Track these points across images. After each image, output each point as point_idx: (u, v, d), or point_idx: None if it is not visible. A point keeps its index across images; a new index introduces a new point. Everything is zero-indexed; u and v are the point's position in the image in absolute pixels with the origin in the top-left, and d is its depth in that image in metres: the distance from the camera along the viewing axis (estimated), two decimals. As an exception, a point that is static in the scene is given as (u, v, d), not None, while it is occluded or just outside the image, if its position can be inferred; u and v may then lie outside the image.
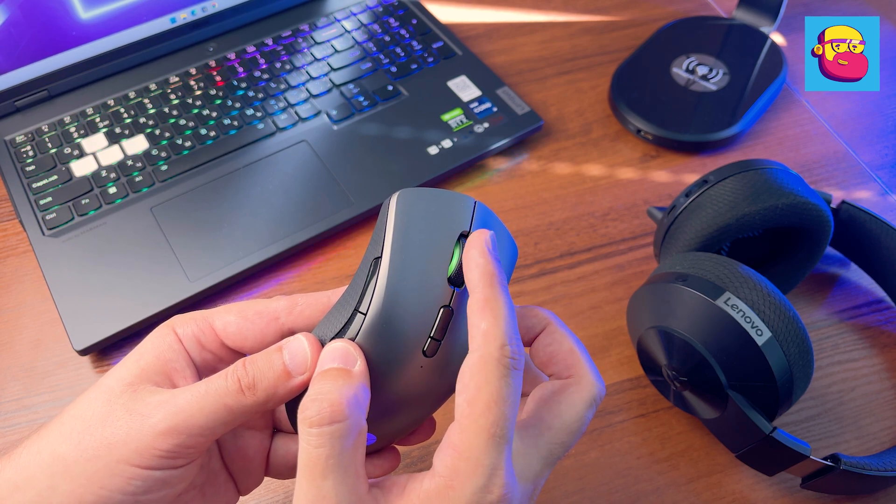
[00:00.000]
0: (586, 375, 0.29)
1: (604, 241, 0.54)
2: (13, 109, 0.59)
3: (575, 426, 0.28)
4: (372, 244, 0.28)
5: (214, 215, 0.53)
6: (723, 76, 0.61)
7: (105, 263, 0.50)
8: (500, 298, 0.26)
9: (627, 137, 0.60)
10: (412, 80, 0.62)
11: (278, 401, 0.27)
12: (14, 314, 0.50)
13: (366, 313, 0.27)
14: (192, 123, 0.58)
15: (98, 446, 0.26)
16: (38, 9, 0.57)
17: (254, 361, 0.27)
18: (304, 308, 0.30)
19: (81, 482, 0.26)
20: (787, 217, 0.42)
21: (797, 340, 0.37)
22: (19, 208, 0.53)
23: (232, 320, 0.30)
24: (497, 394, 0.25)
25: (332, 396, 0.25)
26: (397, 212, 0.28)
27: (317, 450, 0.25)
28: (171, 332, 0.29)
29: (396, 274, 0.27)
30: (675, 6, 0.72)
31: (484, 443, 0.25)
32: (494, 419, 0.25)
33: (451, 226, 0.28)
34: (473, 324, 0.26)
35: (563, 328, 0.30)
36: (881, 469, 0.38)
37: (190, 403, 0.26)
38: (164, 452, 0.26)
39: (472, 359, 0.26)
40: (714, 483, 0.43)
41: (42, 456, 0.27)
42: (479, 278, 0.26)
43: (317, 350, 0.27)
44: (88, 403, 0.28)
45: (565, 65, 0.66)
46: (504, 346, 0.25)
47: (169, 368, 0.29)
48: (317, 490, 0.25)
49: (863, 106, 0.63)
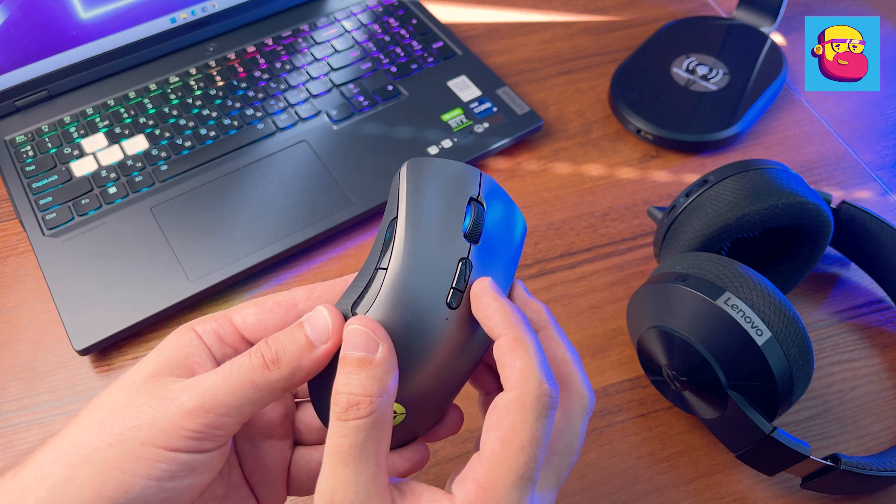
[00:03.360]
0: (578, 387, 0.29)
1: (604, 241, 0.54)
2: (13, 109, 0.59)
3: (576, 444, 0.28)
4: (387, 213, 0.29)
5: (214, 215, 0.53)
6: (723, 76, 0.61)
7: (105, 263, 0.50)
8: (528, 337, 0.26)
9: (627, 137, 0.60)
10: (412, 80, 0.62)
11: (304, 375, 0.27)
12: (14, 314, 0.50)
13: (387, 268, 0.27)
14: (192, 123, 0.58)
15: (122, 431, 0.26)
16: (38, 9, 0.57)
17: (276, 338, 0.27)
18: (323, 293, 0.30)
19: (102, 468, 0.25)
20: (787, 217, 0.42)
21: (797, 340, 0.37)
22: (19, 208, 0.53)
23: (251, 312, 0.30)
24: (532, 434, 0.25)
25: (357, 390, 0.25)
26: (409, 176, 0.29)
27: (341, 439, 0.25)
28: (190, 330, 0.29)
29: (414, 230, 0.28)
30: (675, 6, 0.72)
31: (511, 483, 0.25)
32: (526, 461, 0.25)
33: (461, 189, 0.29)
34: (507, 364, 0.26)
35: (559, 335, 0.30)
36: (881, 469, 0.38)
37: (215, 383, 0.26)
38: (190, 433, 0.25)
39: (508, 396, 0.26)
40: (714, 483, 0.43)
41: (58, 451, 0.26)
42: (502, 320, 0.27)
43: (338, 318, 0.27)
44: (108, 396, 0.27)
45: (565, 65, 0.66)
46: (543, 385, 0.25)
47: (191, 362, 0.28)
48: (336, 476, 0.25)
49: (863, 106, 0.63)
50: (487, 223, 0.29)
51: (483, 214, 0.29)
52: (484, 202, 0.29)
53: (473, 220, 0.28)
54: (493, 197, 0.30)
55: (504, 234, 0.30)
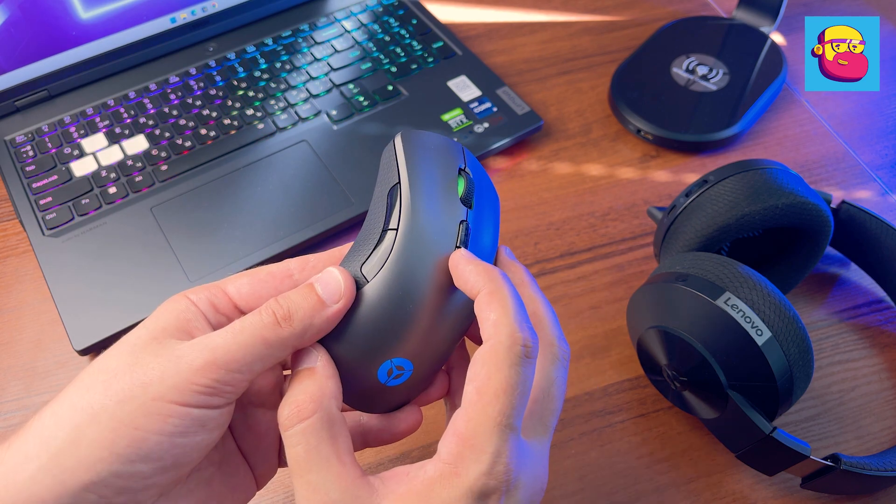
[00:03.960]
0: (547, 336, 0.29)
1: (604, 241, 0.54)
2: (13, 109, 0.59)
3: (553, 390, 0.28)
4: (381, 182, 0.30)
5: (214, 215, 0.53)
6: (723, 76, 0.61)
7: (105, 263, 0.50)
8: (504, 289, 0.27)
9: (627, 137, 0.60)
10: (412, 80, 0.62)
11: (314, 333, 0.27)
12: (14, 314, 0.50)
13: (397, 228, 0.28)
14: (192, 123, 0.58)
15: (130, 388, 0.25)
16: (38, 9, 0.57)
17: (286, 296, 0.27)
18: (317, 263, 0.30)
19: (113, 426, 0.25)
20: (787, 217, 0.42)
21: (797, 340, 0.37)
22: (19, 208, 0.53)
23: (245, 282, 0.30)
24: (506, 382, 0.25)
25: (298, 397, 0.26)
26: (405, 145, 0.30)
27: (294, 448, 0.26)
28: (185, 298, 0.29)
29: (418, 193, 0.29)
30: (675, 6, 0.72)
31: (489, 431, 0.25)
32: (502, 408, 0.25)
33: (451, 159, 0.31)
34: (483, 318, 0.26)
35: (535, 292, 0.31)
36: (881, 469, 0.38)
37: (226, 340, 0.26)
38: (202, 388, 0.25)
39: (483, 348, 0.26)
40: (714, 483, 0.43)
41: (59, 415, 0.25)
42: (477, 277, 0.27)
43: (349, 278, 0.28)
44: (109, 359, 0.26)
45: (565, 65, 0.66)
46: (515, 334, 0.26)
47: (190, 326, 0.28)
48: (305, 484, 0.25)
49: (863, 106, 0.63)
50: (476, 191, 0.31)
51: (472, 182, 0.30)
52: (470, 172, 0.31)
53: (466, 187, 0.30)
54: (475, 168, 0.32)
55: (488, 201, 0.32)
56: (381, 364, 0.28)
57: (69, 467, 0.24)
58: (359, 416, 0.32)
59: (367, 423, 0.32)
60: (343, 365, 0.28)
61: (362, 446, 0.32)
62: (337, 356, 0.28)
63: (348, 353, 0.28)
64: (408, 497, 0.25)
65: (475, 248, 0.29)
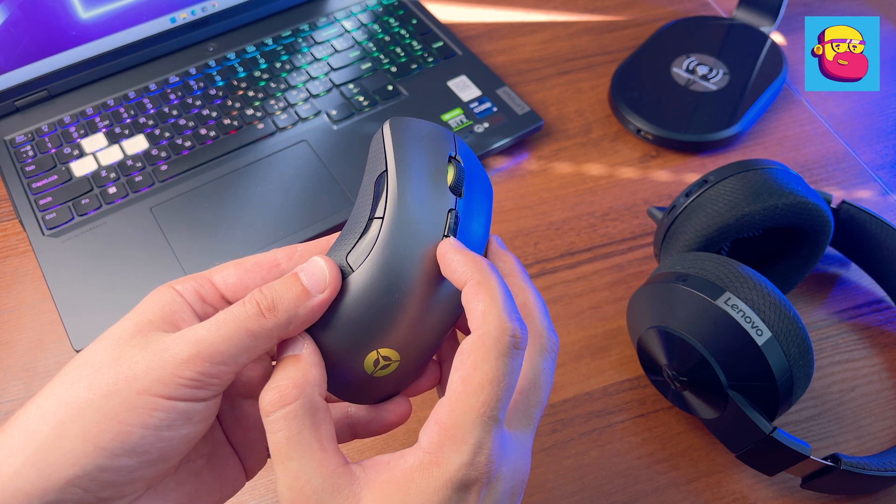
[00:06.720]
0: (536, 327, 0.29)
1: (604, 241, 0.54)
2: (13, 109, 0.59)
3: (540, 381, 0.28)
4: (369, 170, 0.30)
5: (214, 215, 0.53)
6: (723, 76, 0.61)
7: (105, 263, 0.50)
8: (492, 279, 0.26)
9: (627, 137, 0.60)
10: (412, 80, 0.62)
11: (299, 323, 0.27)
12: (14, 314, 0.50)
13: (383, 217, 0.28)
14: (192, 123, 0.58)
15: (114, 381, 0.25)
16: (38, 9, 0.57)
17: (270, 286, 0.27)
18: (304, 252, 0.30)
19: (97, 420, 0.24)
20: (787, 217, 0.42)
21: (797, 340, 0.37)
22: (19, 208, 0.53)
23: (231, 272, 0.29)
24: (492, 373, 0.25)
25: (281, 383, 0.26)
26: (393, 133, 0.29)
27: (276, 434, 0.25)
28: (171, 289, 0.28)
29: (405, 181, 0.28)
30: (675, 6, 0.72)
31: (472, 422, 0.25)
32: (486, 399, 0.25)
33: (441, 147, 0.30)
34: (471, 308, 0.26)
35: (525, 282, 0.30)
36: (881, 469, 0.38)
37: (210, 332, 0.26)
38: (187, 381, 0.25)
39: (471, 338, 0.26)
40: (714, 483, 0.43)
41: (44, 409, 0.25)
42: (465, 267, 0.27)
43: (334, 268, 0.27)
44: (93, 352, 0.26)
45: (565, 65, 0.66)
46: (504, 325, 0.25)
47: (176, 318, 0.27)
48: (286, 471, 0.25)
49: (863, 106, 0.63)
50: (467, 179, 0.30)
51: (463, 171, 0.30)
52: (461, 160, 0.30)
53: (455, 176, 0.29)
54: (467, 156, 0.31)
55: (480, 190, 0.31)
56: (366, 354, 0.28)
57: (54, 462, 0.24)
58: (346, 408, 0.32)
59: (356, 414, 0.32)
60: (329, 355, 0.28)
61: (350, 438, 0.32)
62: (323, 346, 0.28)
63: (334, 343, 0.28)
64: (387, 486, 0.25)
65: (464, 237, 0.29)
